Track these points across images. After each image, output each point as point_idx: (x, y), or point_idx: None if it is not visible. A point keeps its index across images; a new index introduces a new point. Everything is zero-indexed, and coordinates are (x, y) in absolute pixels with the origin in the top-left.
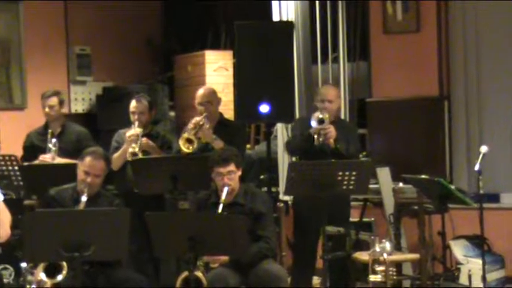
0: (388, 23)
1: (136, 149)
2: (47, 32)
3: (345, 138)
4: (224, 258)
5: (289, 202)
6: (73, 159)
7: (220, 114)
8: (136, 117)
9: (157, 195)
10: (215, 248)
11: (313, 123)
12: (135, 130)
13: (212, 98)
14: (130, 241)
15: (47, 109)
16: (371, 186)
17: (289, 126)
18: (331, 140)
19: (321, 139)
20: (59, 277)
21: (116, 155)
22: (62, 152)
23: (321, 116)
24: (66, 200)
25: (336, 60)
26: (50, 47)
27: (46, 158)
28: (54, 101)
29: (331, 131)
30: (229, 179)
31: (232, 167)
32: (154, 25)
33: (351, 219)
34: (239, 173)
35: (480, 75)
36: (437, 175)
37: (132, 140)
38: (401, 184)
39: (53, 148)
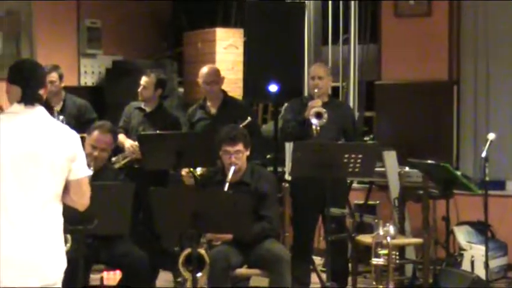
0: (399, 6)
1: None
2: (57, 4)
3: (339, 120)
4: (227, 236)
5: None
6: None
7: (224, 92)
8: (139, 89)
9: (161, 171)
10: (218, 225)
11: (313, 120)
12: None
13: (216, 78)
14: (133, 216)
15: (48, 85)
16: (377, 169)
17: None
18: None
19: (318, 128)
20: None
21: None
22: None
23: (318, 110)
24: None
25: (346, 41)
26: (60, 20)
27: None
28: (54, 76)
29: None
30: (236, 158)
31: (240, 146)
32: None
33: (356, 202)
34: (247, 152)
35: (490, 60)
36: (443, 160)
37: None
38: (407, 168)
39: None
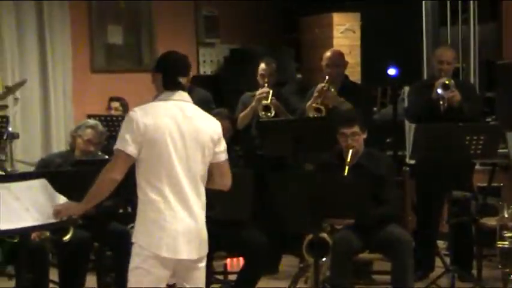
0: None
1: (269, 102)
2: None
3: (465, 98)
4: (349, 221)
5: None
6: None
7: (346, 76)
8: (266, 79)
9: (281, 157)
10: (339, 210)
11: (439, 91)
12: (264, 89)
13: (340, 61)
14: (256, 200)
15: None
16: (500, 150)
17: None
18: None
19: (446, 104)
20: None
21: (243, 113)
22: None
23: (446, 82)
24: None
25: (465, 21)
26: (178, 10)
27: None
28: None
29: (456, 95)
30: (353, 141)
31: (356, 128)
32: None
33: (479, 184)
34: (364, 135)
35: None
36: None
37: (262, 97)
38: None
39: None
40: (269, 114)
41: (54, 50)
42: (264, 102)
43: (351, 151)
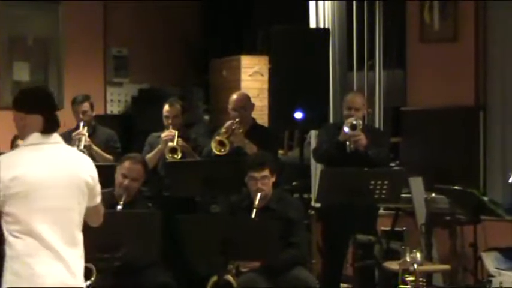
0: (425, 32)
1: (175, 144)
2: (85, 33)
3: (373, 144)
4: (255, 263)
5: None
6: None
7: (253, 119)
8: (170, 121)
9: (188, 198)
10: (246, 252)
11: (346, 129)
12: (170, 131)
13: (245, 104)
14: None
15: (80, 115)
16: (403, 195)
17: None
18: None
19: (351, 146)
20: (88, 282)
21: (150, 154)
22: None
23: (354, 122)
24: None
25: (371, 67)
26: (87, 48)
27: None
28: (86, 106)
29: (362, 138)
30: (262, 184)
31: (266, 172)
32: (191, 28)
33: (383, 228)
34: (273, 178)
35: None
36: (471, 186)
37: (168, 139)
38: (433, 194)
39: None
40: (176, 156)
41: None
42: (170, 144)
43: (259, 195)
